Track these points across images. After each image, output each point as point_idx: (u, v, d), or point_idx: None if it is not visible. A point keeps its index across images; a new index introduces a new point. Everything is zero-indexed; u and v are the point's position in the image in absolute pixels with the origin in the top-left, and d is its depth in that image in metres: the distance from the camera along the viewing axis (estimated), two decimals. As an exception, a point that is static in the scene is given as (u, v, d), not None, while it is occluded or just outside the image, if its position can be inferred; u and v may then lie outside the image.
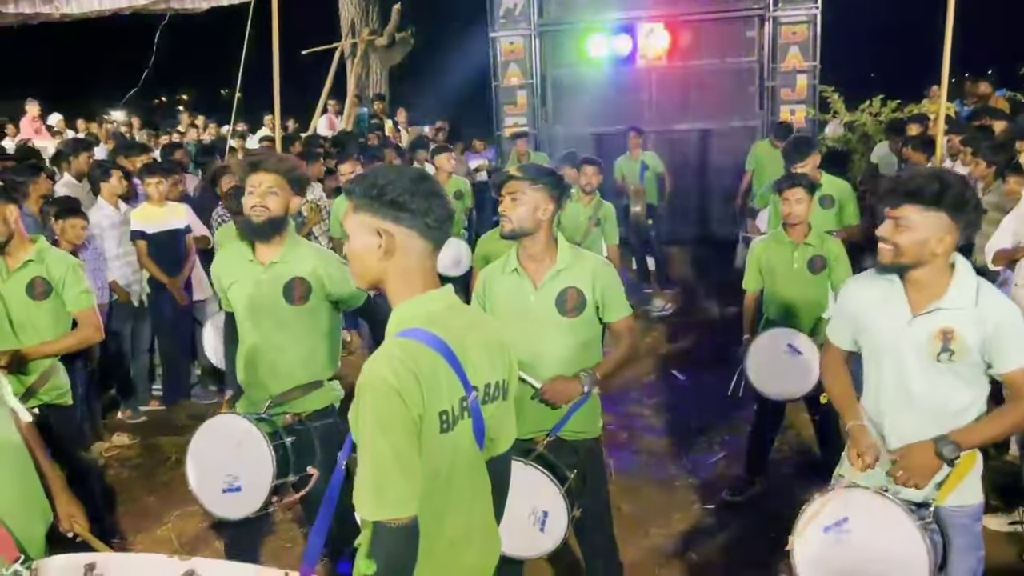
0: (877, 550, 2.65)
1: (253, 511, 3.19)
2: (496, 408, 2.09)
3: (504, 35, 11.44)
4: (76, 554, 2.13)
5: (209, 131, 13.01)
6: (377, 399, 1.81)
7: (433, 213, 1.95)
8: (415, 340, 1.90)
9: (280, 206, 3.25)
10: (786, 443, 5.34)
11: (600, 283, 3.08)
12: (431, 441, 1.89)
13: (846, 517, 2.70)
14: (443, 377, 1.91)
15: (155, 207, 6.07)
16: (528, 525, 2.90)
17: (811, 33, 10.67)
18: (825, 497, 2.76)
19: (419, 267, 1.98)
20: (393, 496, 1.80)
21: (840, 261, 4.53)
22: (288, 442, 3.24)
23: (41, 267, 3.83)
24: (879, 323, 2.76)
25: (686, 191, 10.93)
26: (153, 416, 6.27)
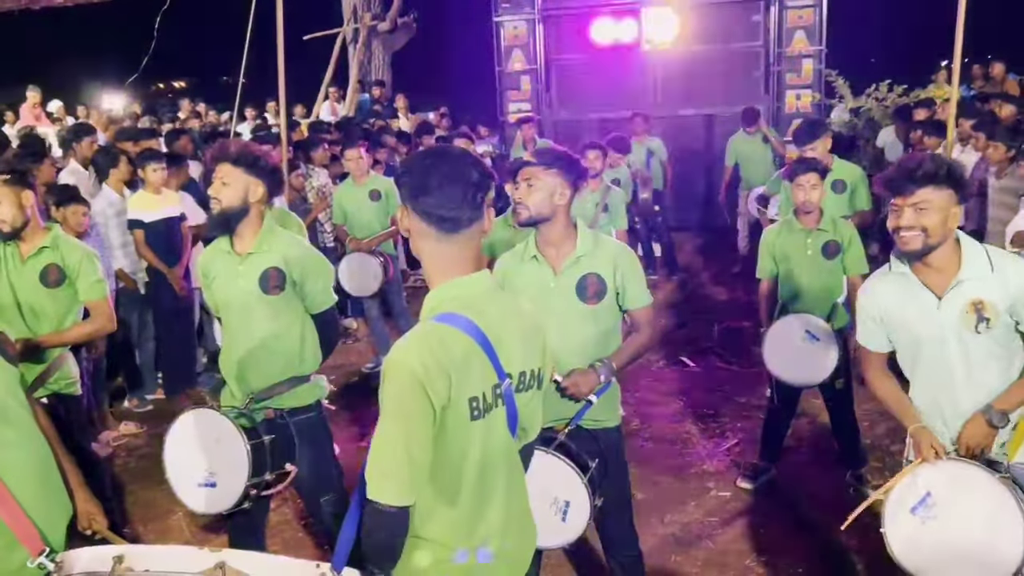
0: (967, 513, 2.67)
1: (226, 508, 3.18)
2: (530, 397, 2.07)
3: (507, 20, 11.36)
4: (104, 546, 2.09)
5: (211, 118, 12.92)
6: (399, 387, 1.81)
7: (431, 197, 1.91)
8: (448, 324, 1.88)
9: (234, 198, 3.17)
10: (800, 430, 5.30)
11: (621, 269, 3.02)
12: (460, 427, 1.89)
13: (928, 492, 2.72)
14: (476, 363, 1.89)
15: (152, 195, 5.98)
16: (550, 515, 2.86)
17: (817, 17, 10.60)
18: (899, 481, 2.78)
19: (447, 252, 1.95)
20: (394, 484, 1.83)
21: (853, 245, 4.48)
22: (267, 440, 3.21)
23: (56, 254, 3.78)
24: (908, 316, 2.80)
25: (691, 177, 10.89)
26: (160, 405, 6.23)
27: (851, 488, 4.62)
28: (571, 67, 11.50)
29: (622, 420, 3.30)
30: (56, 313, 3.83)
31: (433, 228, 1.94)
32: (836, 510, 4.39)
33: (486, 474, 1.97)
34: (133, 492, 4.96)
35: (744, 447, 5.17)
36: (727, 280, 9.08)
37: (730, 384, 6.23)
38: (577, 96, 11.48)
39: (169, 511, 4.67)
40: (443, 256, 1.96)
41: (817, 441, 5.18)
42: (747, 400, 5.83)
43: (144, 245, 5.94)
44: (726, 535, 4.26)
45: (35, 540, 2.28)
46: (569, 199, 2.98)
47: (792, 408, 4.77)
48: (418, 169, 1.93)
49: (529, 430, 2.12)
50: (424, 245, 1.97)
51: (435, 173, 1.91)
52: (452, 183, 1.91)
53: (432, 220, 1.93)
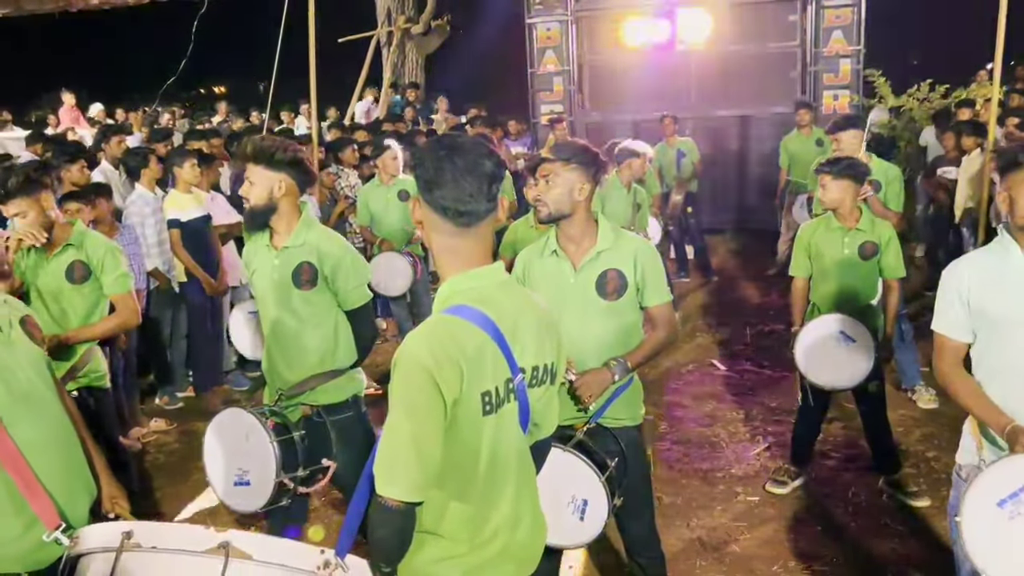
0: None
1: (261, 505, 3.18)
2: (543, 392, 2.04)
3: (540, 21, 11.33)
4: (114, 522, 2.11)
5: (252, 118, 13.06)
6: (409, 379, 1.78)
7: (445, 189, 1.87)
8: (461, 317, 1.85)
9: (260, 196, 3.18)
10: (831, 434, 5.20)
11: (641, 265, 2.97)
12: (471, 422, 1.85)
13: (1022, 486, 2.45)
14: (488, 357, 1.85)
15: (184, 194, 6.04)
16: (568, 514, 2.82)
17: (855, 17, 10.41)
18: (993, 468, 2.51)
19: (461, 245, 1.92)
20: (402, 480, 1.79)
21: (891, 246, 4.36)
22: (297, 436, 3.21)
23: (80, 251, 3.83)
24: (1003, 298, 2.60)
25: (727, 179, 10.76)
26: (190, 402, 6.29)
27: (885, 495, 4.51)
28: (604, 68, 11.44)
29: (643, 420, 3.23)
30: (83, 309, 3.88)
31: (449, 222, 1.90)
32: (869, 517, 4.33)
33: (497, 470, 1.93)
34: (160, 488, 5.00)
35: (774, 452, 5.07)
36: (761, 283, 8.95)
37: (761, 388, 6.12)
38: (610, 97, 11.41)
39: (196, 506, 4.70)
40: (457, 249, 1.93)
41: (850, 446, 5.06)
42: (778, 404, 5.73)
43: (180, 245, 6.00)
44: (753, 540, 4.17)
45: (51, 514, 2.30)
46: (589, 194, 2.94)
47: (823, 412, 4.66)
48: (432, 161, 1.88)
49: (542, 426, 2.08)
50: (438, 238, 1.94)
51: (449, 166, 1.86)
52: (467, 175, 1.86)
53: (448, 214, 1.89)
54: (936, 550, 3.93)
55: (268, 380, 3.44)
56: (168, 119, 13.17)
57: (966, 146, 7.54)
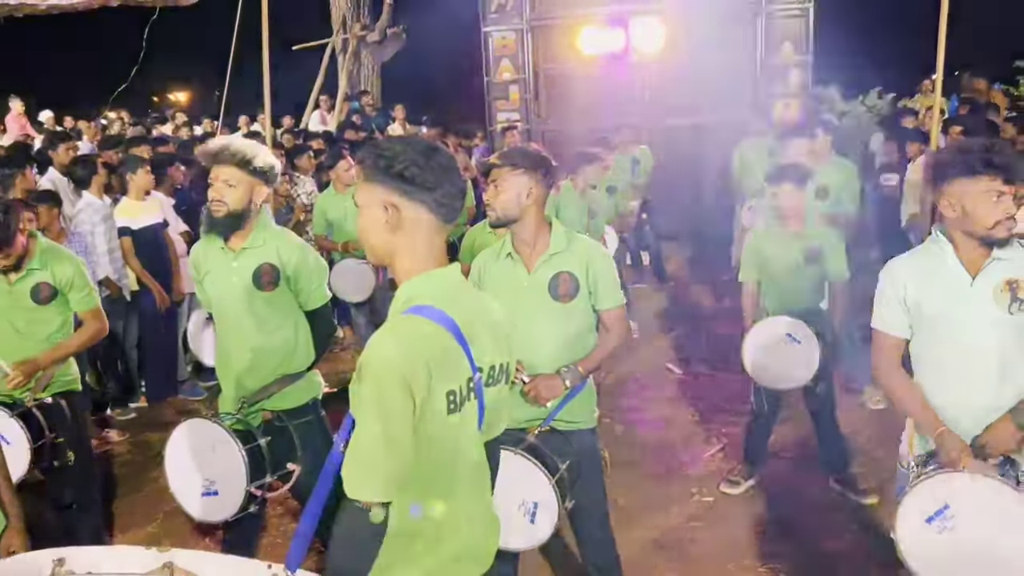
0: (986, 531, 2.60)
1: (232, 514, 3.17)
2: (497, 392, 2.05)
3: (496, 30, 11.38)
4: (42, 551, 2.04)
5: (204, 126, 12.92)
6: (378, 381, 1.76)
7: (442, 188, 1.91)
8: (424, 317, 1.85)
9: (239, 200, 3.18)
10: (783, 435, 5.27)
11: (593, 268, 3.01)
12: (438, 422, 1.85)
13: (946, 504, 2.64)
14: (452, 356, 1.86)
15: (137, 202, 5.96)
16: (518, 516, 2.84)
17: (803, 27, 10.64)
18: (918, 488, 2.69)
19: (427, 243, 1.93)
20: (377, 482, 1.78)
21: (835, 250, 4.48)
22: (263, 442, 3.21)
23: (45, 273, 3.75)
24: (937, 297, 2.72)
25: (680, 186, 10.88)
26: (142, 413, 6.20)
27: (835, 493, 4.60)
28: (559, 77, 11.52)
29: (598, 424, 3.26)
30: (51, 327, 3.81)
31: (440, 220, 1.93)
32: (820, 514, 4.42)
33: (457, 469, 1.95)
34: (113, 499, 4.90)
35: (728, 452, 5.15)
36: (716, 288, 9.06)
37: (716, 391, 6.21)
38: (565, 106, 11.49)
39: (148, 519, 4.65)
40: (428, 246, 1.93)
41: (801, 446, 5.16)
42: (732, 407, 5.80)
43: (132, 254, 5.91)
44: (708, 540, 4.23)
45: None
46: (539, 198, 2.97)
47: (775, 413, 4.75)
48: (423, 162, 1.89)
49: (494, 425, 2.08)
50: (409, 239, 1.92)
51: (436, 165, 1.90)
52: (452, 173, 1.93)
53: (444, 211, 1.92)
54: (885, 545, 3.98)
55: (224, 386, 3.40)
56: (119, 126, 12.95)
57: (911, 153, 7.75)
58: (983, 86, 10.72)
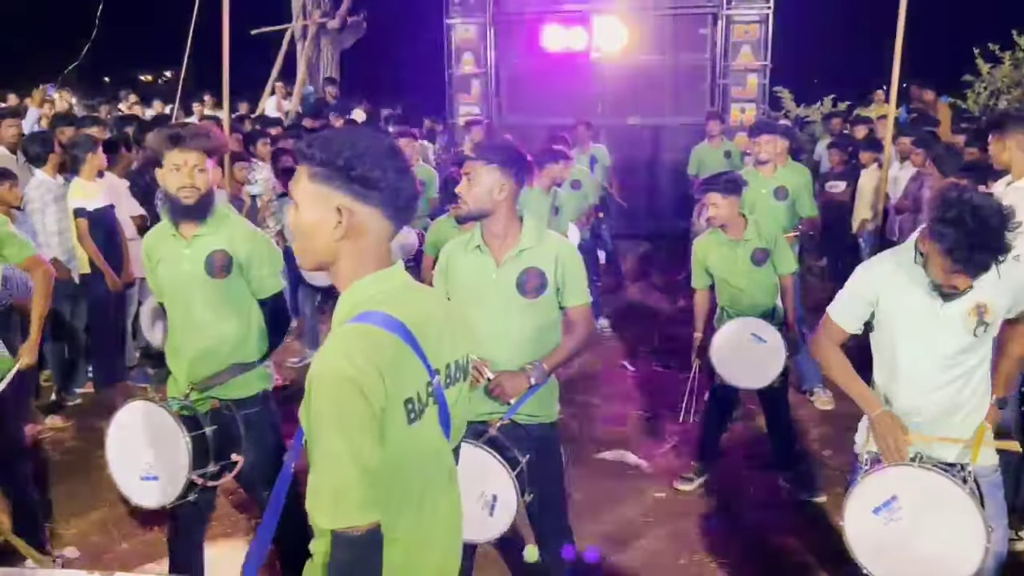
0: (931, 523, 2.69)
1: (170, 500, 3.12)
2: (458, 391, 1.94)
3: (459, 22, 11.38)
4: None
5: (155, 108, 12.66)
6: (333, 394, 1.62)
7: (403, 192, 1.77)
8: (373, 324, 1.71)
9: (208, 183, 3.15)
10: (735, 433, 5.37)
11: (562, 265, 3.02)
12: (398, 434, 1.72)
13: (894, 495, 2.73)
14: (406, 363, 1.74)
15: (90, 183, 5.82)
16: (477, 509, 2.83)
17: (763, 32, 10.82)
18: (868, 479, 2.78)
19: (375, 248, 1.79)
20: (353, 502, 1.62)
21: (779, 246, 4.57)
22: (208, 431, 3.15)
23: None
24: (908, 307, 2.79)
25: (637, 186, 10.98)
26: (89, 399, 6.06)
27: (785, 491, 4.69)
28: (521, 72, 11.54)
29: (559, 418, 3.28)
30: None
31: (393, 223, 1.79)
32: (770, 511, 4.51)
33: (425, 477, 1.84)
34: (57, 486, 4.79)
35: (680, 449, 5.22)
36: (671, 287, 9.17)
37: (670, 388, 6.25)
38: (526, 101, 11.52)
39: (93, 506, 4.54)
40: (375, 250, 1.79)
41: (752, 444, 5.25)
42: (683, 420, 5.88)
43: (87, 235, 5.76)
44: (661, 534, 4.29)
45: None
46: (511, 193, 2.97)
47: (729, 411, 4.83)
48: (378, 160, 1.73)
49: (460, 428, 2.01)
50: (354, 242, 1.76)
51: (390, 164, 1.75)
52: (409, 175, 1.80)
53: (399, 214, 1.79)
54: (832, 542, 4.09)
55: (174, 372, 3.33)
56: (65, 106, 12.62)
57: (863, 161, 7.94)
58: (931, 97, 10.99)
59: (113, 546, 4.23)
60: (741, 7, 10.78)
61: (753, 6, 10.76)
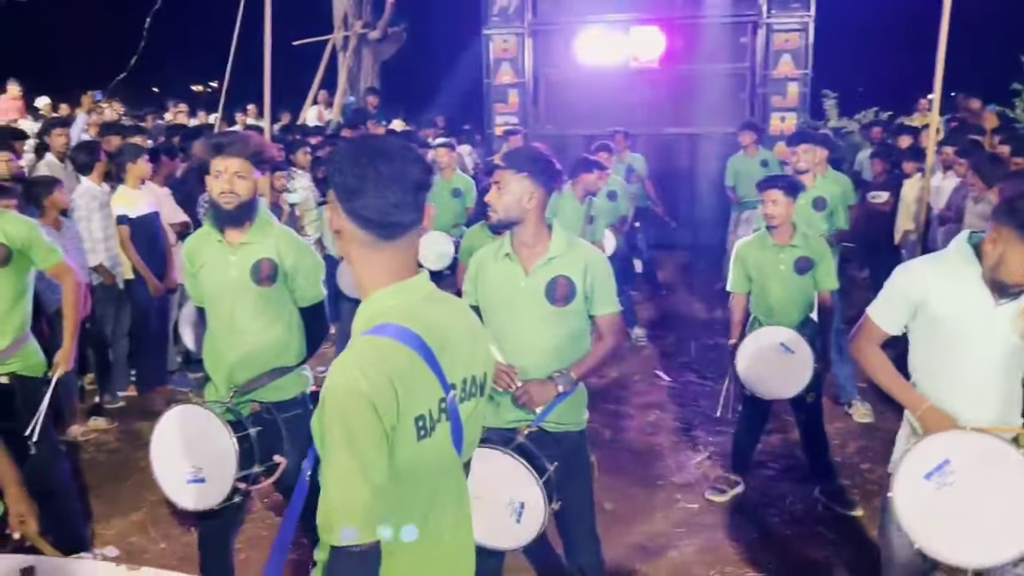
0: (987, 487, 2.60)
1: (217, 502, 3.15)
2: (474, 406, 1.91)
3: (497, 33, 11.43)
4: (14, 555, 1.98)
5: (200, 119, 12.90)
6: (345, 409, 1.62)
7: (372, 203, 1.70)
8: (388, 338, 1.69)
9: (249, 190, 3.19)
10: (771, 445, 5.32)
11: (591, 273, 3.02)
12: (407, 450, 1.71)
13: (947, 459, 2.64)
14: (420, 378, 1.72)
15: (133, 190, 5.96)
16: (505, 515, 2.84)
17: (804, 41, 10.72)
18: (920, 444, 2.69)
19: (383, 259, 1.76)
20: (361, 520, 1.62)
21: (824, 260, 4.52)
22: (253, 432, 3.19)
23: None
24: (960, 308, 2.73)
25: (676, 196, 10.94)
26: (131, 402, 6.19)
27: (820, 504, 4.63)
28: (558, 82, 11.58)
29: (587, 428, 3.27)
30: (8, 292, 3.68)
31: (370, 234, 1.73)
32: (804, 525, 4.45)
33: (431, 493, 1.82)
34: (98, 488, 4.90)
35: (714, 460, 5.18)
36: (708, 298, 9.11)
37: (704, 399, 6.24)
38: (564, 111, 11.54)
39: (134, 507, 4.64)
40: (378, 263, 1.76)
41: (787, 456, 5.19)
42: (720, 415, 5.84)
43: (128, 242, 5.90)
44: (692, 546, 4.25)
45: None
46: (540, 202, 2.98)
47: (762, 422, 4.78)
48: (353, 168, 1.70)
49: (473, 442, 1.97)
50: (358, 250, 1.77)
51: (372, 173, 1.69)
52: (391, 184, 1.70)
53: (370, 226, 1.72)
54: (868, 558, 4.03)
55: (214, 377, 3.39)
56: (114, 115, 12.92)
57: (907, 171, 7.82)
58: (977, 106, 10.81)
59: (152, 546, 4.32)
60: (781, 16, 10.70)
61: (794, 15, 10.67)
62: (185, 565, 4.07)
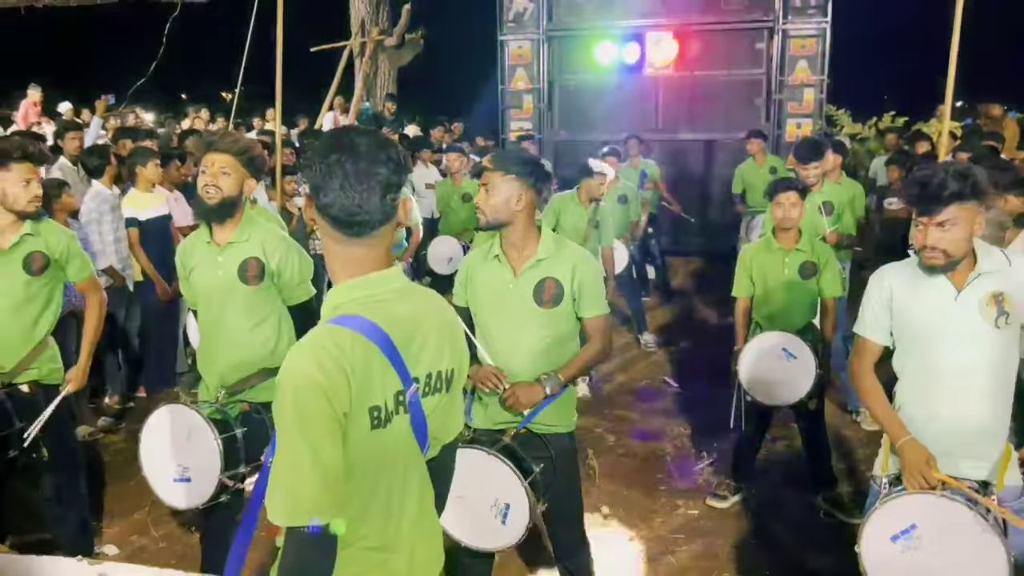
0: (950, 556, 2.60)
1: (203, 501, 3.19)
2: (438, 400, 1.90)
3: (512, 39, 11.44)
4: None
5: (218, 123, 13.02)
6: (298, 395, 1.64)
7: (337, 201, 1.71)
8: (349, 328, 1.71)
9: (233, 187, 3.23)
10: (774, 452, 5.28)
11: (579, 275, 3.01)
12: (360, 439, 1.72)
13: (913, 524, 2.65)
14: (377, 370, 1.73)
15: (144, 193, 6.03)
16: (490, 517, 2.84)
17: (820, 47, 10.63)
18: (888, 505, 2.71)
19: (353, 253, 1.78)
20: (308, 500, 1.62)
21: (830, 266, 4.48)
22: (239, 433, 3.23)
23: (39, 240, 3.62)
24: (921, 305, 2.76)
25: (690, 202, 10.87)
26: (140, 403, 6.24)
27: (822, 511, 4.58)
28: (573, 88, 11.56)
29: (593, 434, 3.26)
30: (39, 300, 3.67)
31: (338, 231, 1.76)
32: (805, 533, 4.41)
33: (379, 485, 1.80)
34: (104, 487, 4.94)
35: (717, 467, 5.14)
36: (721, 304, 9.04)
37: (711, 405, 6.14)
38: (578, 117, 11.53)
39: (136, 507, 4.67)
40: (349, 257, 1.79)
41: (790, 464, 5.15)
42: (726, 422, 5.78)
43: (138, 245, 5.97)
44: (690, 552, 4.22)
45: None
46: (529, 204, 2.97)
47: (764, 428, 4.74)
48: (321, 163, 1.72)
49: (441, 437, 1.96)
50: (329, 244, 1.81)
51: (339, 171, 1.70)
52: (357, 184, 1.71)
53: (336, 224, 1.74)
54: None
55: (205, 377, 3.43)
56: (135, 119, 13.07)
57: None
58: (998, 112, 10.69)
59: (152, 545, 4.35)
60: (798, 21, 10.61)
61: (810, 20, 10.58)
62: (183, 564, 4.11)
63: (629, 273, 7.77)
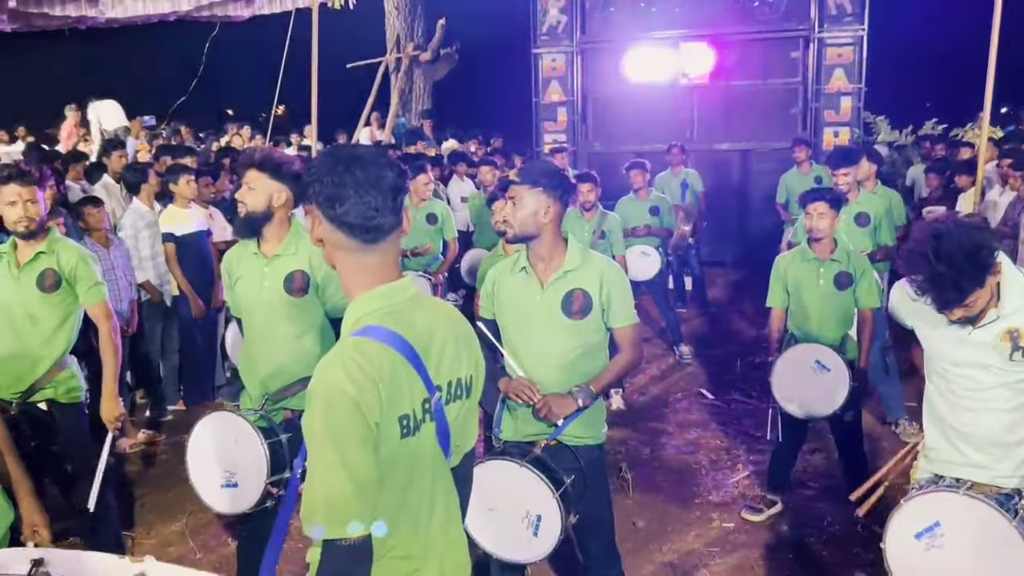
0: (973, 554, 2.62)
1: (250, 507, 3.23)
2: (459, 408, 1.94)
3: (546, 52, 11.48)
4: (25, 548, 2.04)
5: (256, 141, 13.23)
6: (330, 408, 1.68)
7: (354, 208, 1.76)
8: (373, 339, 1.75)
9: (258, 201, 3.29)
10: (811, 464, 5.21)
11: (607, 286, 3.01)
12: (391, 448, 1.76)
13: (937, 522, 2.67)
14: (404, 379, 1.77)
15: (181, 209, 6.15)
16: (522, 528, 2.85)
17: (857, 55, 10.52)
18: (913, 502, 2.74)
19: (368, 262, 1.83)
20: (344, 513, 1.65)
21: (866, 277, 4.42)
22: (283, 439, 3.26)
23: (52, 258, 3.70)
24: (936, 336, 2.77)
25: (726, 211, 10.82)
26: (180, 416, 6.34)
27: (859, 525, 4.50)
28: (607, 100, 11.56)
29: (628, 447, 3.26)
30: (55, 318, 3.72)
31: (355, 239, 1.80)
32: (842, 546, 4.34)
33: (409, 494, 1.83)
34: (142, 498, 5.04)
35: (753, 480, 5.08)
36: (758, 315, 8.95)
37: (747, 417, 6.14)
38: (612, 129, 11.52)
39: (174, 518, 4.75)
40: (363, 267, 1.83)
41: (828, 476, 5.07)
42: (762, 434, 5.73)
43: (174, 260, 6.08)
44: (724, 566, 4.18)
45: None
46: (556, 216, 2.98)
47: (799, 441, 4.69)
48: (330, 176, 1.77)
49: (463, 445, 2.00)
50: (343, 256, 1.84)
51: (350, 179, 1.76)
52: (370, 189, 1.77)
53: (354, 231, 1.79)
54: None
55: (248, 385, 3.47)
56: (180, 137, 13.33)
57: (961, 184, 7.61)
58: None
59: (189, 555, 4.41)
60: (834, 30, 10.51)
61: (847, 29, 10.48)
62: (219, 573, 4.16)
63: (664, 283, 7.73)
